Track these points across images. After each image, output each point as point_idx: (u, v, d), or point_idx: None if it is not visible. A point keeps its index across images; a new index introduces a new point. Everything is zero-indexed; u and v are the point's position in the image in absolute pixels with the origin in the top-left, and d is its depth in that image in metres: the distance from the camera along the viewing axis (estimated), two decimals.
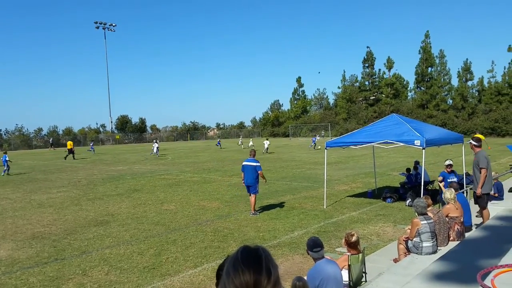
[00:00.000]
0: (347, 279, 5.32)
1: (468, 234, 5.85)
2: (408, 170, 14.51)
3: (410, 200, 12.50)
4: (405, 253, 6.68)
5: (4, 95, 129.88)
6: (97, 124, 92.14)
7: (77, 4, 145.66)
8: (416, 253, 6.44)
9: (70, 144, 40.27)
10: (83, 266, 7.87)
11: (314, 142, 45.68)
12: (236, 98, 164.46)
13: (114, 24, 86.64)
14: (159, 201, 14.69)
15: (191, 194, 15.91)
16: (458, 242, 6.30)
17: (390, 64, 79.58)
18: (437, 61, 72.21)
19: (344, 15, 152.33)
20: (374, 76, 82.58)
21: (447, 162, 11.03)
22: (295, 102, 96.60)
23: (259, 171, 11.95)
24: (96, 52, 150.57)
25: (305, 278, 4.49)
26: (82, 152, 48.27)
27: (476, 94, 70.92)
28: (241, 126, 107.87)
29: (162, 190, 17.26)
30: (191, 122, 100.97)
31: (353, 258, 5.34)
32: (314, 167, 24.60)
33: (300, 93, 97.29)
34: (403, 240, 6.76)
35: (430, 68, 72.86)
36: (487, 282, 2.81)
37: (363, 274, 5.62)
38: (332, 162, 26.39)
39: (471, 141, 8.90)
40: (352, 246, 5.58)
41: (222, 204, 13.83)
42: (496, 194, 10.74)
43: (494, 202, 10.15)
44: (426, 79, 73.21)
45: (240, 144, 54.60)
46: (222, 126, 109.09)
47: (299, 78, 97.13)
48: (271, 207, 13.02)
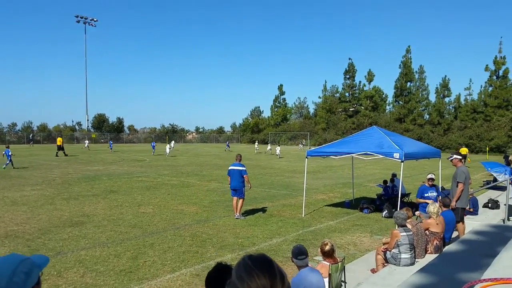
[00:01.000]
0: None
1: (446, 248, 5.97)
2: (385, 182, 14.74)
3: (386, 211, 12.70)
4: (383, 263, 6.77)
5: None
6: (73, 121, 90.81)
7: None
8: (394, 264, 6.53)
9: (59, 140, 40.45)
10: (58, 267, 7.71)
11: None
12: (217, 103, 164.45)
13: (95, 19, 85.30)
14: (136, 203, 14.53)
15: (169, 198, 15.78)
16: (436, 255, 6.42)
17: (370, 77, 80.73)
18: (416, 76, 73.59)
19: (328, 26, 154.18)
20: (355, 88, 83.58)
21: (429, 176, 11.20)
22: (276, 109, 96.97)
23: (244, 175, 12.11)
24: (75, 47, 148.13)
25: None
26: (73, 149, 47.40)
27: (453, 111, 72.48)
28: (220, 131, 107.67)
29: (140, 192, 17.07)
30: (170, 124, 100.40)
31: (333, 267, 5.38)
32: (293, 175, 24.71)
33: (281, 101, 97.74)
34: (382, 250, 6.85)
35: (409, 83, 74.15)
36: None
37: (342, 283, 5.67)
38: (310, 171, 26.56)
39: (455, 156, 9.10)
40: (327, 255, 5.62)
41: (200, 208, 13.77)
42: (471, 209, 10.98)
43: (469, 217, 10.38)
44: (405, 94, 74.49)
45: (256, 149, 55.46)
46: (201, 130, 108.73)
47: (281, 85, 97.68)
48: (250, 213, 13.02)
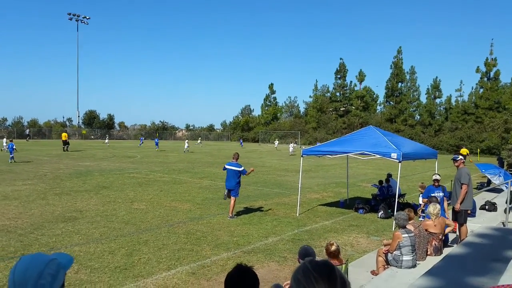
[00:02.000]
0: None
1: (450, 250, 5.92)
2: (380, 182, 14.71)
3: (382, 212, 12.66)
4: (384, 265, 6.71)
5: None
6: (63, 117, 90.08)
7: None
8: (396, 266, 6.47)
9: (64, 135, 41.47)
10: None
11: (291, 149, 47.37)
12: (207, 100, 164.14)
13: (88, 17, 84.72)
14: (129, 199, 14.36)
15: (162, 194, 15.63)
16: (437, 256, 6.37)
17: (361, 77, 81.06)
18: (407, 77, 73.98)
19: (320, 25, 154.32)
20: (346, 88, 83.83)
21: (434, 177, 11.17)
22: (266, 108, 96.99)
23: (244, 174, 12.21)
24: (67, 44, 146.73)
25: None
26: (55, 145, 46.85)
27: (444, 112, 73.04)
28: (210, 128, 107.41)
29: (132, 188, 16.89)
30: (160, 121, 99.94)
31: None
32: (285, 174, 24.65)
33: (272, 99, 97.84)
34: (383, 252, 6.79)
35: (400, 84, 74.52)
36: None
37: None
38: (303, 170, 26.46)
39: (460, 157, 9.07)
40: (332, 255, 5.55)
41: (193, 206, 13.64)
42: (469, 211, 10.97)
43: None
44: (396, 94, 74.86)
45: (276, 146, 57.44)
46: (191, 128, 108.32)
47: (271, 84, 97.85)
48: (244, 212, 12.93)
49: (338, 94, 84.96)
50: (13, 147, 27.13)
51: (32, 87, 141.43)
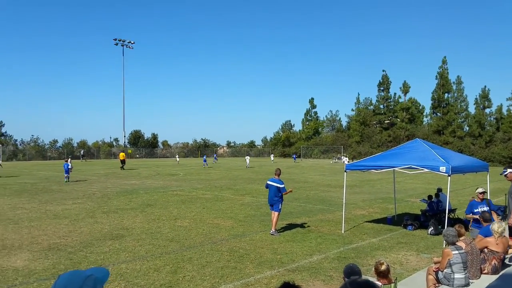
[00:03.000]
0: None
1: (507, 269, 5.55)
2: (429, 197, 14.16)
3: (432, 228, 12.17)
4: (434, 284, 6.39)
5: (21, 106, 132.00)
6: (110, 138, 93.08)
7: (95, 20, 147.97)
8: (447, 285, 6.14)
9: (122, 155, 44.36)
10: None
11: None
12: (248, 117, 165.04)
13: (132, 42, 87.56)
14: (173, 217, 14.51)
15: (205, 212, 15.70)
16: (493, 276, 6.01)
17: (406, 88, 79.31)
18: (454, 87, 71.70)
19: (361, 38, 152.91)
20: (389, 100, 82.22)
21: (479, 190, 10.68)
22: (307, 123, 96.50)
23: (283, 193, 11.98)
24: (112, 67, 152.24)
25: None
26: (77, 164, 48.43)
27: (494, 122, 70.14)
28: (251, 145, 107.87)
29: (175, 206, 17.08)
30: (202, 139, 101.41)
31: (384, 287, 5.08)
32: (328, 190, 24.28)
33: (313, 114, 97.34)
34: (433, 270, 6.47)
35: (446, 94, 72.29)
36: None
37: None
38: (347, 186, 25.99)
39: (509, 170, 8.63)
40: (382, 275, 5.32)
41: (236, 223, 13.60)
42: None
43: None
44: (443, 105, 72.56)
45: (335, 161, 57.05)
46: (232, 144, 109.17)
47: (312, 99, 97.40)
48: (287, 228, 12.75)
49: (381, 106, 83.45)
50: (68, 167, 28.24)
51: (82, 109, 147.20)
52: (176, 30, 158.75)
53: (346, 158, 52.14)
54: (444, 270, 6.23)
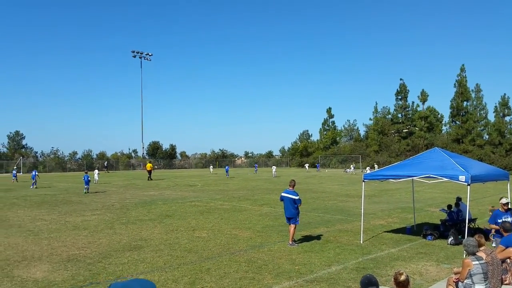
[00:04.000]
0: None
1: None
2: (449, 206, 13.96)
3: (452, 238, 11.98)
4: None
5: (41, 119, 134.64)
6: (129, 149, 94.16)
7: (114, 33, 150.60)
8: None
9: (149, 166, 45.90)
10: None
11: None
12: (265, 127, 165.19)
13: (150, 54, 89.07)
14: (191, 228, 14.57)
15: (223, 222, 15.73)
16: None
17: (424, 97, 78.50)
18: (473, 95, 70.76)
19: (377, 47, 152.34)
20: (407, 109, 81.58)
21: (503, 201, 10.52)
22: (325, 132, 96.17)
23: (298, 204, 11.86)
24: (131, 80, 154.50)
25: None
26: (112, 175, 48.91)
27: None
28: (269, 155, 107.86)
29: (194, 216, 17.15)
30: (219, 150, 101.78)
31: None
32: (347, 200, 24.11)
33: (330, 123, 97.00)
34: (454, 281, 6.37)
35: (465, 102, 71.38)
36: None
37: None
38: (365, 195, 25.76)
39: None
40: (401, 285, 5.23)
41: (254, 233, 13.59)
42: None
43: None
44: (462, 113, 71.64)
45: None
46: (250, 155, 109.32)
47: (329, 108, 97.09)
48: (305, 239, 12.69)
49: (400, 115, 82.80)
50: (88, 179, 28.67)
51: (101, 121, 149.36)
52: (193, 41, 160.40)
53: (353, 167, 54.51)
54: (465, 281, 6.14)
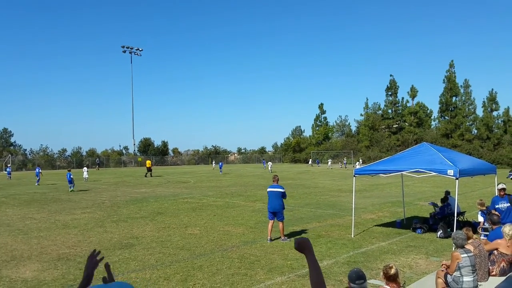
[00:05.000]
0: None
1: None
2: (443, 200, 14.10)
3: (441, 231, 12.14)
4: (443, 287, 6.38)
5: (30, 116, 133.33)
6: (120, 146, 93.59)
7: (104, 28, 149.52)
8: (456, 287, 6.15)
9: (149, 163, 46.65)
10: None
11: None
12: (258, 123, 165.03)
13: (140, 49, 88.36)
14: (183, 225, 14.58)
15: (215, 219, 15.76)
16: (502, 277, 6.01)
17: (413, 92, 79.10)
18: (461, 90, 71.39)
19: (368, 43, 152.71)
20: (397, 104, 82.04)
21: (500, 186, 10.79)
22: (317, 128, 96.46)
23: (285, 198, 12.04)
24: (121, 75, 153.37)
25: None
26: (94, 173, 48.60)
27: (502, 125, 69.74)
28: (262, 151, 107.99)
29: (186, 213, 17.16)
30: (212, 146, 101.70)
31: None
32: (338, 195, 24.25)
33: (322, 119, 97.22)
34: (442, 269, 6.48)
35: (454, 98, 72.05)
36: None
37: None
38: (357, 190, 25.81)
39: None
40: (391, 279, 5.32)
41: (247, 229, 13.64)
42: None
43: None
44: (451, 109, 72.34)
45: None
46: (243, 151, 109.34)
47: (321, 104, 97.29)
48: (297, 234, 12.78)
49: (390, 111, 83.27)
50: (71, 177, 28.02)
51: (91, 118, 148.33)
52: (185, 37, 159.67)
53: (330, 161, 56.79)
54: (453, 274, 6.24)
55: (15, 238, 12.56)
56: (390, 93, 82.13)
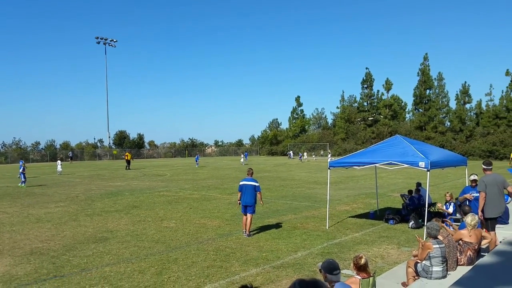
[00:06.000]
0: None
1: (479, 260, 5.72)
2: (410, 191, 14.42)
3: (413, 222, 12.41)
4: (414, 277, 6.55)
5: (2, 108, 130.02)
6: (94, 139, 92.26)
7: (78, 19, 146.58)
8: (426, 277, 6.31)
9: (128, 155, 47.72)
10: (82, 284, 7.68)
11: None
12: (235, 116, 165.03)
13: (115, 40, 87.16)
14: (159, 218, 14.52)
15: (191, 212, 15.74)
16: (469, 267, 6.19)
17: (388, 85, 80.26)
18: (435, 83, 72.80)
19: (344, 35, 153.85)
20: (373, 97, 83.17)
21: (472, 177, 11.12)
22: (294, 121, 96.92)
23: (258, 192, 11.72)
24: (95, 67, 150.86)
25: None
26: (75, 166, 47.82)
27: (474, 117, 71.48)
28: (239, 143, 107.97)
29: (162, 207, 17.08)
30: (189, 139, 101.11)
31: (364, 282, 5.21)
32: (314, 187, 24.49)
33: (299, 112, 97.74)
34: (412, 262, 6.64)
35: (428, 90, 73.44)
36: None
37: None
38: (332, 182, 26.20)
39: (483, 165, 9.02)
40: (362, 269, 5.44)
41: (223, 222, 13.68)
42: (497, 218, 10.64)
43: (498, 226, 10.04)
44: (424, 101, 73.73)
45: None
46: (220, 144, 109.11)
47: (298, 97, 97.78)
48: (273, 226, 12.88)
49: (365, 103, 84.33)
50: (23, 171, 27.20)
51: (63, 110, 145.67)
52: (161, 29, 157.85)
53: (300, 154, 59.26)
54: (423, 263, 6.40)
55: None
56: (365, 85, 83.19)
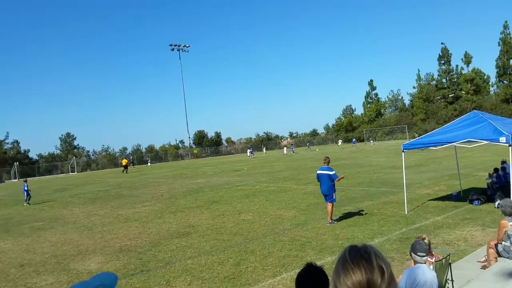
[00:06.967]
0: None
1: None
2: (496, 170, 13.59)
3: (499, 201, 11.70)
4: (495, 258, 6.24)
5: (90, 119, 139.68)
6: (176, 140, 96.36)
7: (151, 30, 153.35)
8: (507, 257, 5.99)
9: (125, 161, 52.22)
10: (167, 276, 8.15)
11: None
12: (308, 106, 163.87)
13: (188, 45, 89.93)
14: (237, 211, 14.93)
15: (268, 204, 16.00)
16: None
17: (468, 59, 75.52)
18: None
19: (416, 11, 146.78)
20: (452, 73, 78.79)
21: None
22: (368, 105, 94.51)
23: (335, 180, 11.65)
24: (172, 72, 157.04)
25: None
26: (139, 167, 50.05)
27: None
28: (314, 133, 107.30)
29: (239, 201, 17.53)
30: (264, 133, 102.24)
31: (436, 264, 5.06)
32: (392, 171, 23.80)
33: (373, 96, 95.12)
34: (493, 243, 6.33)
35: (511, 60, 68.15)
36: None
37: (449, 282, 5.29)
38: (412, 165, 25.37)
39: None
40: None
41: (298, 212, 13.77)
42: None
43: None
44: (509, 72, 68.50)
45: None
46: (295, 135, 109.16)
47: (371, 81, 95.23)
48: (349, 214, 12.74)
49: (444, 80, 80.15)
50: (26, 189, 23.83)
51: (147, 116, 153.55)
52: (229, 24, 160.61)
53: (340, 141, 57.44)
54: (503, 243, 6.08)
55: (80, 234, 13.39)
56: (443, 61, 79.05)
